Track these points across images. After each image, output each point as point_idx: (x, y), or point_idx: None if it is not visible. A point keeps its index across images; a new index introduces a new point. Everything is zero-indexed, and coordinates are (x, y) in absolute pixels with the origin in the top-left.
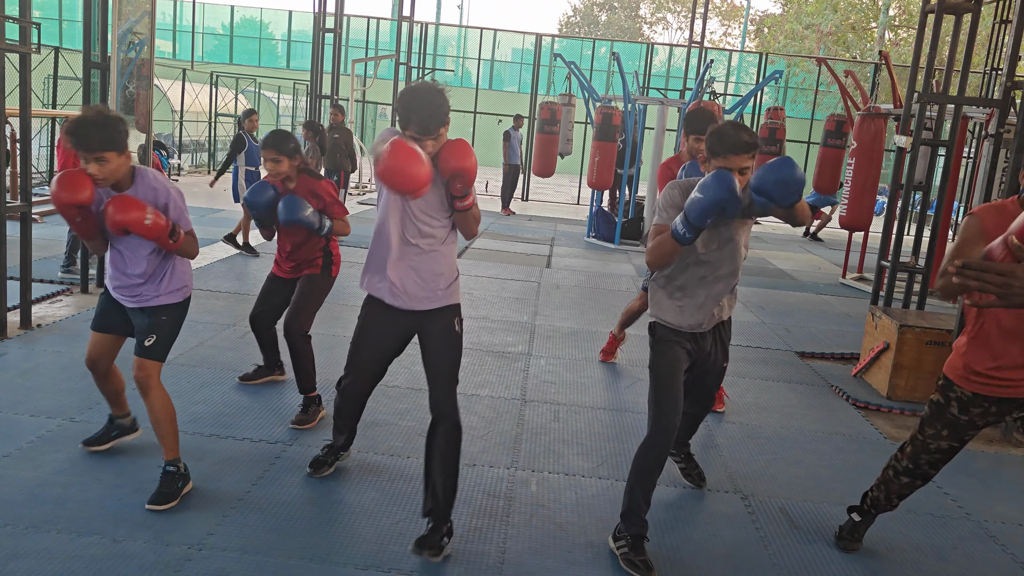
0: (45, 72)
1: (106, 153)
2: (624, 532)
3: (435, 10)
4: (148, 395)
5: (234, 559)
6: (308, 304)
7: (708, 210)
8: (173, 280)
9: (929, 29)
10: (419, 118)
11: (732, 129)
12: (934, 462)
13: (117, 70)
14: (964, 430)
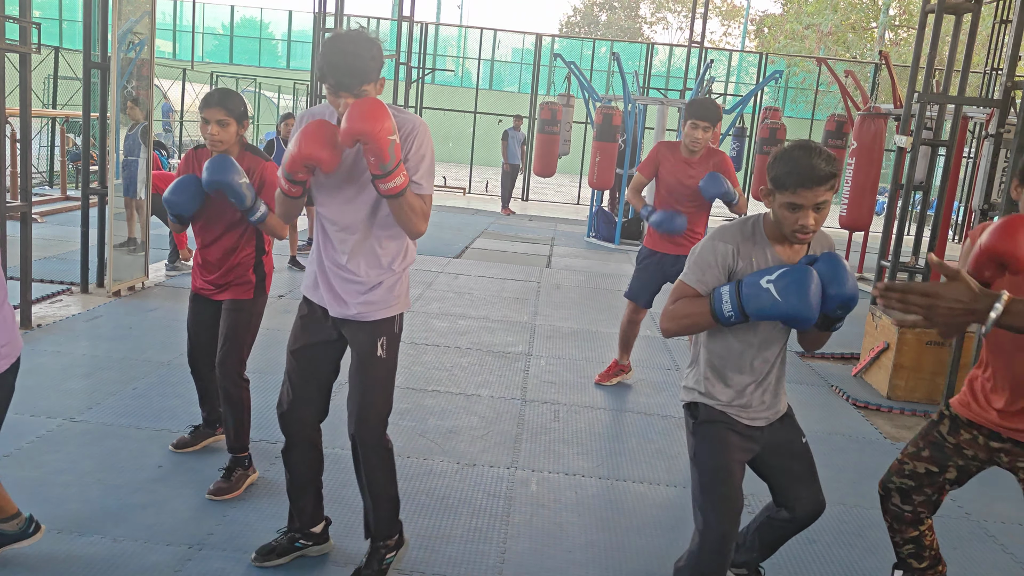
0: (45, 72)
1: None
2: None
3: (435, 10)
4: None
5: (234, 559)
6: (244, 338)
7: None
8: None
9: (929, 29)
10: (336, 71)
11: (805, 155)
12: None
13: (117, 70)
14: (948, 455)
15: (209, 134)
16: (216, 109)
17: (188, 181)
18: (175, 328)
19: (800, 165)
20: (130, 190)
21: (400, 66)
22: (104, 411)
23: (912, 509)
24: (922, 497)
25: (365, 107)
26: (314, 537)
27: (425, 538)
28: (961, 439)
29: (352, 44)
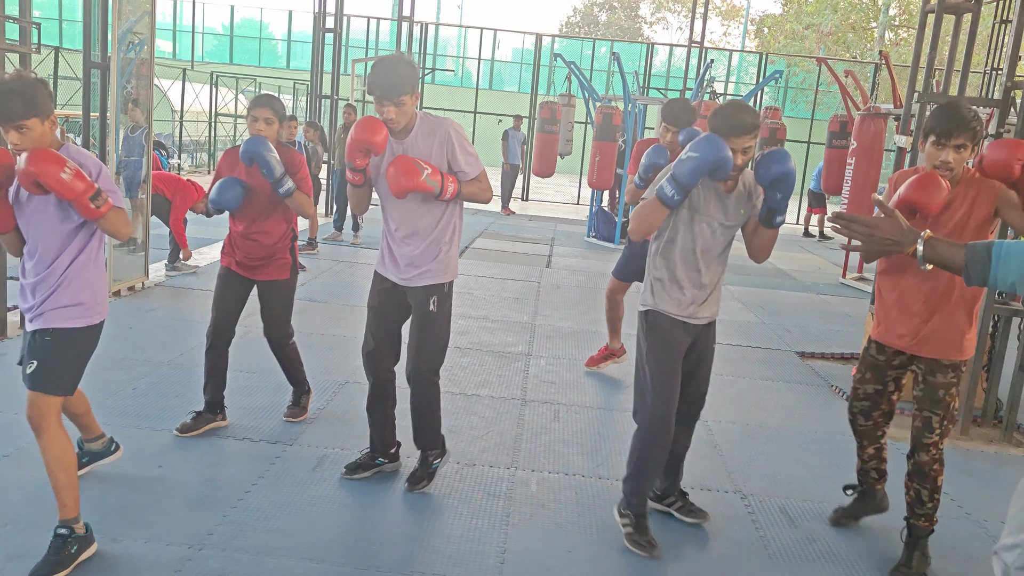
0: (45, 72)
1: (26, 121)
2: (627, 511)
3: (435, 10)
4: (39, 436)
5: (234, 559)
6: (285, 311)
7: (701, 169)
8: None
9: (929, 29)
10: (381, 86)
11: (735, 111)
12: (863, 409)
13: (117, 70)
14: (883, 370)
15: (257, 129)
16: (264, 109)
17: (230, 183)
18: (175, 328)
19: (732, 120)
20: (131, 191)
21: None
22: (104, 411)
23: (874, 423)
24: (878, 411)
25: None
26: (389, 456)
27: (425, 538)
28: (887, 355)
29: (392, 65)
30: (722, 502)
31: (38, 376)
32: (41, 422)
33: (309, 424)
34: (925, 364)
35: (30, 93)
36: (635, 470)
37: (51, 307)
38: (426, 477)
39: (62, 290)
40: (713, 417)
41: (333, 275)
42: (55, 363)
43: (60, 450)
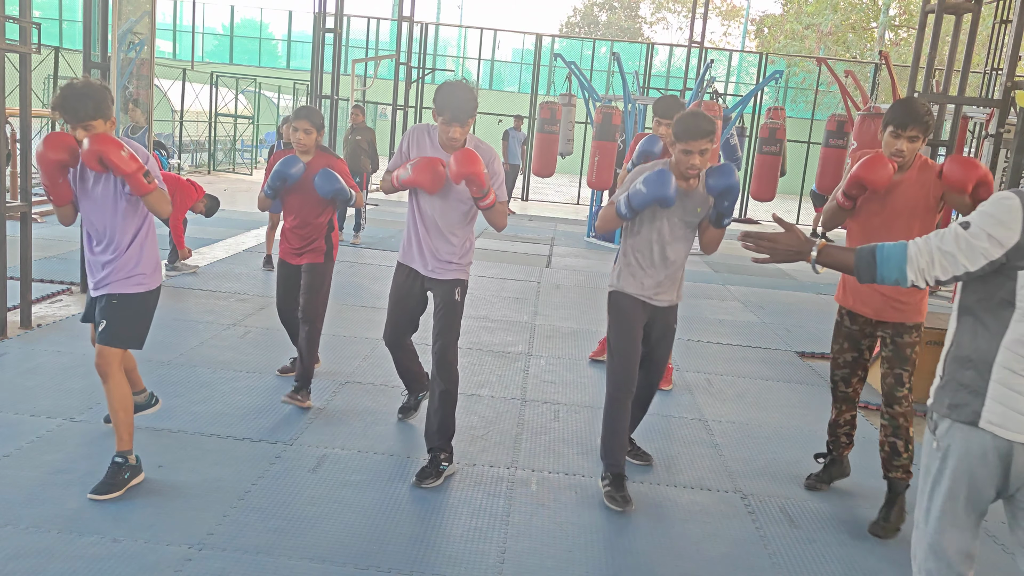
0: (45, 72)
1: (93, 122)
2: (605, 473)
3: (435, 10)
4: (105, 382)
5: (234, 559)
6: (320, 291)
7: (647, 203)
8: (123, 270)
9: (929, 29)
10: (452, 109)
11: (692, 118)
12: (844, 376)
13: (117, 70)
14: (856, 338)
15: (297, 139)
16: (303, 121)
17: (295, 160)
18: (175, 328)
19: (690, 126)
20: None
21: (400, 66)
22: (104, 411)
23: (853, 389)
24: (856, 378)
25: (465, 156)
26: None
27: (425, 538)
28: (859, 324)
29: (462, 92)
30: (722, 502)
31: (106, 332)
32: (107, 370)
33: (309, 424)
34: (892, 328)
35: (98, 97)
36: (606, 430)
37: (116, 277)
38: (434, 475)
39: (124, 263)
40: (713, 417)
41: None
42: (119, 322)
43: (122, 393)
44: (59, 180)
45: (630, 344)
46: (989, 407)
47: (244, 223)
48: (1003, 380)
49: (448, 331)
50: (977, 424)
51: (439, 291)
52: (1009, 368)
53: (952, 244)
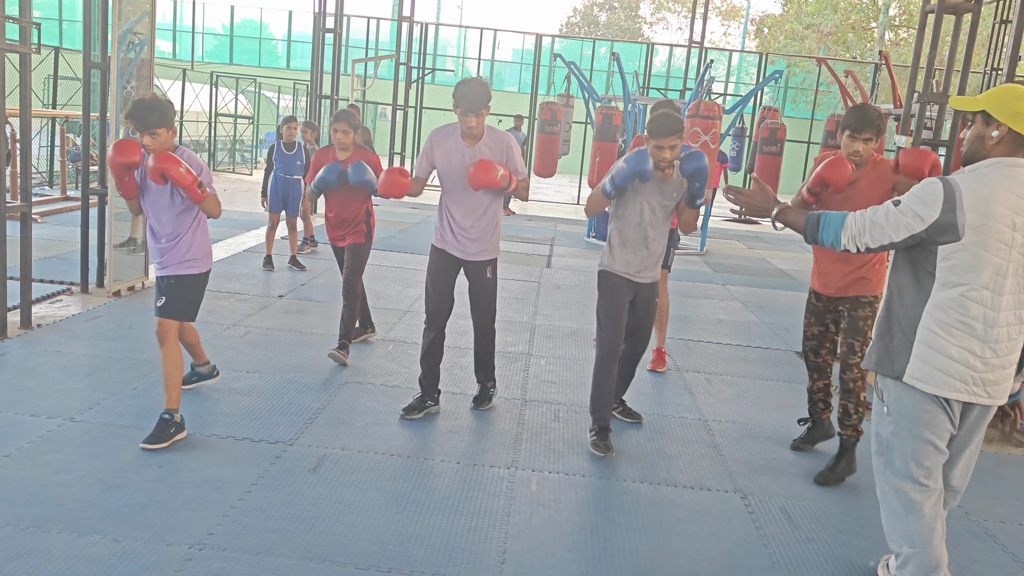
0: (45, 72)
1: (158, 129)
2: (593, 426)
3: (435, 10)
4: (161, 348)
5: (234, 559)
6: (360, 266)
7: (629, 176)
8: (178, 255)
9: (929, 29)
10: (467, 101)
11: (664, 118)
12: (813, 347)
13: (117, 70)
14: (822, 314)
15: (337, 139)
16: (342, 123)
17: (335, 167)
18: None
19: (662, 124)
20: None
21: (400, 66)
22: (104, 411)
23: (822, 359)
24: (824, 349)
25: (480, 169)
26: (435, 399)
27: (425, 538)
28: (824, 302)
29: (476, 85)
30: (722, 502)
31: (164, 307)
32: (164, 338)
33: (309, 424)
34: (849, 303)
35: (162, 110)
36: (595, 390)
37: (172, 261)
38: (486, 399)
39: (179, 249)
40: (713, 417)
41: (333, 275)
42: (175, 298)
43: (175, 359)
44: (124, 179)
45: (617, 317)
46: (913, 364)
47: (244, 223)
48: (926, 340)
49: (484, 305)
50: (902, 379)
51: (473, 271)
52: (931, 330)
53: (883, 217)
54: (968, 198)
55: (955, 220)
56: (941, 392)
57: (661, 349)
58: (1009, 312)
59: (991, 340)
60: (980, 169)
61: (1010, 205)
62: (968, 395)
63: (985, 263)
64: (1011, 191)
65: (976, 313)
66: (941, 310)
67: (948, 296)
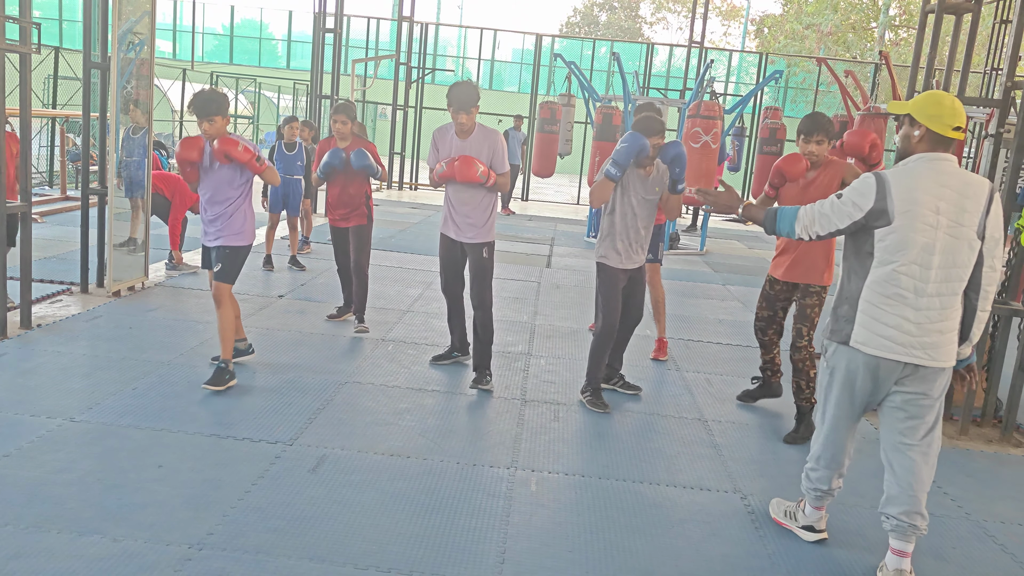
0: (45, 72)
1: (215, 117)
2: (588, 387)
3: (435, 10)
4: (218, 307)
5: (234, 559)
6: (366, 248)
7: (631, 152)
8: (232, 227)
9: (929, 29)
10: (457, 101)
11: (649, 120)
12: (761, 327)
13: (117, 70)
14: (773, 300)
15: (337, 129)
16: (341, 115)
17: (338, 152)
18: (175, 328)
19: (648, 125)
20: (137, 191)
21: (400, 66)
22: (104, 411)
23: (769, 337)
24: (772, 329)
25: (463, 164)
26: (464, 350)
27: (425, 538)
28: (776, 288)
29: (466, 87)
30: (722, 502)
31: (221, 272)
32: (221, 299)
33: (309, 424)
34: (800, 291)
35: (219, 101)
36: (592, 360)
37: (226, 232)
38: (483, 382)
39: (231, 221)
40: (713, 417)
41: (332, 275)
42: (229, 264)
43: (229, 316)
44: (188, 168)
45: (615, 301)
46: (856, 331)
47: None
48: (866, 310)
49: (481, 282)
50: (849, 344)
51: (471, 252)
52: (870, 301)
53: (828, 209)
54: (895, 189)
55: (886, 207)
56: (880, 353)
57: (663, 339)
58: (938, 284)
59: (923, 308)
60: (908, 163)
61: (933, 193)
62: (907, 356)
63: (912, 242)
64: (934, 181)
65: (907, 285)
66: (878, 284)
67: (883, 272)
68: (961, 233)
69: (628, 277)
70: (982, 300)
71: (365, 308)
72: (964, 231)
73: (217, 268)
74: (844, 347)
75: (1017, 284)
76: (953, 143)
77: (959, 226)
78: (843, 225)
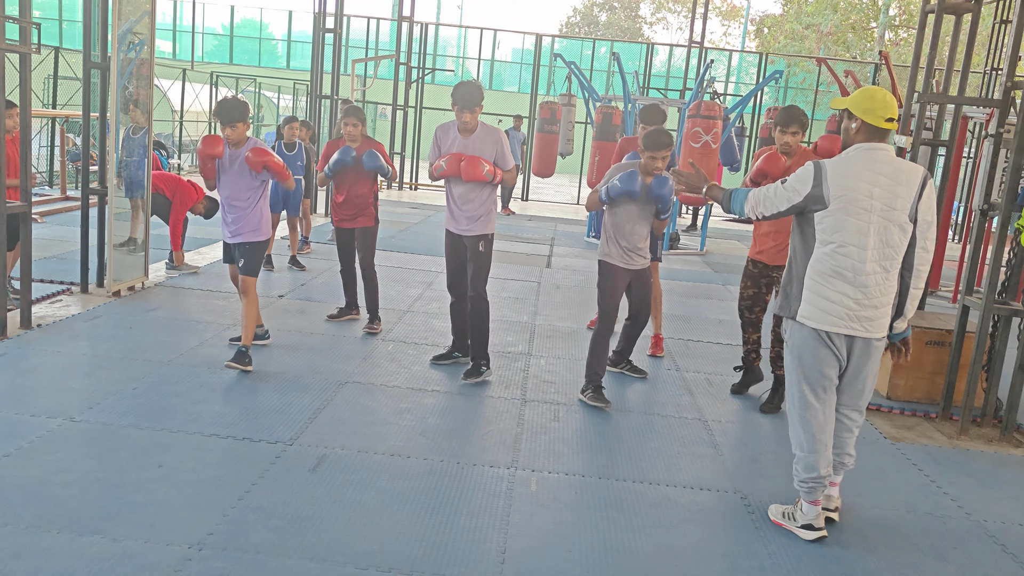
0: (45, 72)
1: (238, 123)
2: (588, 385)
3: (435, 10)
4: (245, 298)
5: (234, 559)
6: (372, 247)
7: (620, 195)
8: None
9: (929, 29)
10: (462, 100)
11: (657, 134)
12: (747, 306)
13: (117, 70)
14: (757, 278)
15: (348, 132)
16: (351, 118)
17: (349, 150)
18: (175, 328)
19: (655, 141)
20: (137, 191)
21: (400, 66)
22: (104, 411)
23: (756, 315)
24: (757, 307)
25: (470, 163)
26: (463, 351)
27: (425, 538)
28: (759, 268)
29: (470, 87)
30: (722, 502)
31: (245, 266)
32: (248, 291)
33: (309, 424)
34: (776, 272)
35: (242, 108)
36: (591, 356)
37: (246, 230)
38: (476, 374)
39: (249, 219)
40: (713, 417)
41: (332, 275)
42: (251, 259)
43: (253, 307)
44: (208, 165)
45: (614, 297)
46: (803, 307)
47: None
48: (810, 287)
49: (478, 271)
50: (796, 319)
51: (469, 244)
52: (813, 279)
53: (773, 193)
54: (831, 176)
55: (822, 193)
56: (823, 327)
57: (659, 335)
58: (874, 263)
59: (860, 285)
60: (847, 153)
61: (867, 180)
62: (847, 329)
63: (848, 225)
64: (868, 169)
65: (845, 264)
66: (820, 262)
67: (824, 252)
68: (894, 217)
69: (630, 278)
70: (915, 279)
71: (378, 307)
72: (896, 215)
73: (241, 263)
74: (794, 323)
75: (1017, 284)
76: (888, 133)
77: (892, 210)
78: (783, 207)
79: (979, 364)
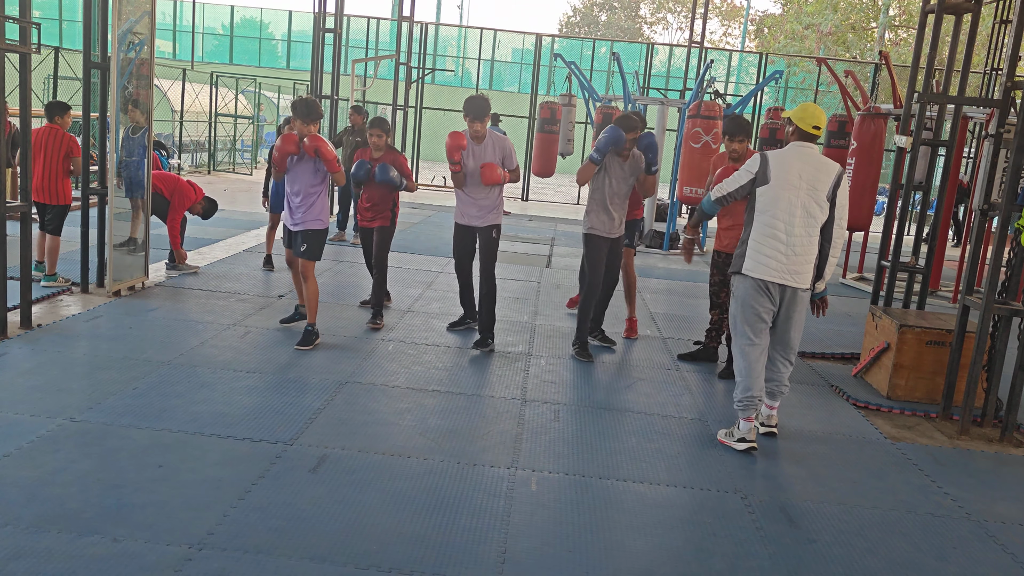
0: (45, 72)
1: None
2: (576, 342)
3: (435, 10)
4: (306, 282)
5: (234, 559)
6: (387, 246)
7: (609, 143)
8: (312, 214)
9: (929, 29)
10: (473, 112)
11: (628, 119)
12: (715, 291)
13: (117, 70)
14: (722, 266)
15: (373, 142)
16: (377, 128)
17: (363, 164)
18: (175, 328)
19: (627, 123)
20: (137, 191)
21: (400, 66)
22: (104, 411)
23: (723, 300)
24: (724, 291)
25: (487, 169)
26: (475, 317)
27: (426, 538)
28: (722, 257)
29: (480, 100)
30: (722, 502)
31: (307, 252)
32: (308, 275)
33: (310, 424)
34: None
35: (318, 108)
36: (580, 316)
37: (307, 219)
38: (484, 344)
39: (311, 209)
40: (713, 417)
41: (333, 275)
42: (312, 245)
43: (315, 289)
44: (285, 161)
45: (600, 266)
46: (746, 263)
47: (244, 223)
48: (753, 247)
49: (489, 256)
50: (742, 272)
51: (481, 234)
52: (756, 240)
53: (733, 178)
54: (772, 162)
55: (766, 172)
56: (762, 276)
57: (633, 319)
58: (800, 228)
59: (790, 244)
60: (785, 148)
61: (796, 167)
62: (780, 279)
63: (781, 198)
64: (798, 159)
65: (780, 228)
66: (760, 227)
67: (764, 219)
68: (815, 195)
69: (608, 246)
70: (833, 248)
71: (382, 305)
72: (817, 194)
73: (303, 249)
74: (739, 276)
75: (1017, 284)
76: (815, 137)
77: (814, 190)
78: (744, 181)
79: (979, 364)
